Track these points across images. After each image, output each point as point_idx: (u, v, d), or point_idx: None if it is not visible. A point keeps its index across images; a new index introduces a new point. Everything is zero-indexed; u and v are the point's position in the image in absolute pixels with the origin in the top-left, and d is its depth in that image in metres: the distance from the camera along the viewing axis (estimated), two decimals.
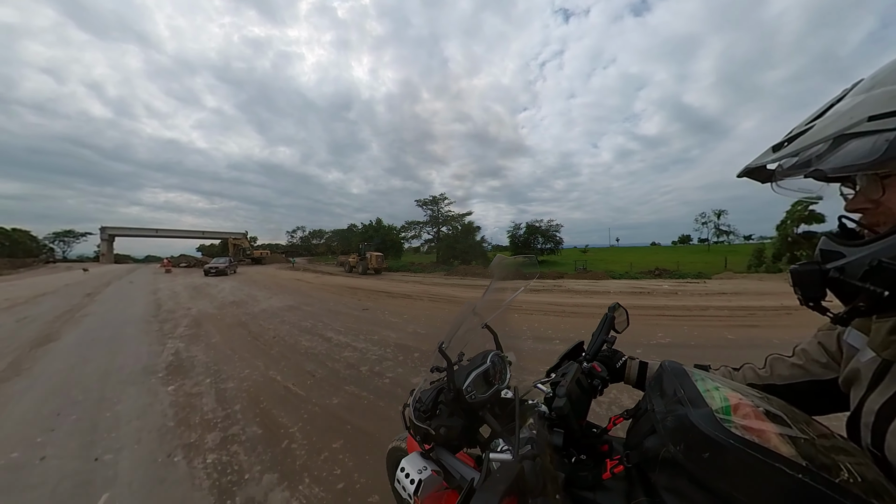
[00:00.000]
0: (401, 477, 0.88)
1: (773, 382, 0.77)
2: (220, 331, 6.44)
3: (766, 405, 0.52)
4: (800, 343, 0.78)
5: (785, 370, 0.77)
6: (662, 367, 0.67)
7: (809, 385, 0.72)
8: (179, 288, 14.45)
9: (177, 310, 8.94)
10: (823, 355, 0.71)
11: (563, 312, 8.07)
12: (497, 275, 1.16)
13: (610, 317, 1.12)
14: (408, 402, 0.98)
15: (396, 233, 46.51)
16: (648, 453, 0.56)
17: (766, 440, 0.45)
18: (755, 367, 0.84)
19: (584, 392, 0.86)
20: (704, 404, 0.52)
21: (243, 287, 14.37)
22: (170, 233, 63.90)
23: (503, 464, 0.64)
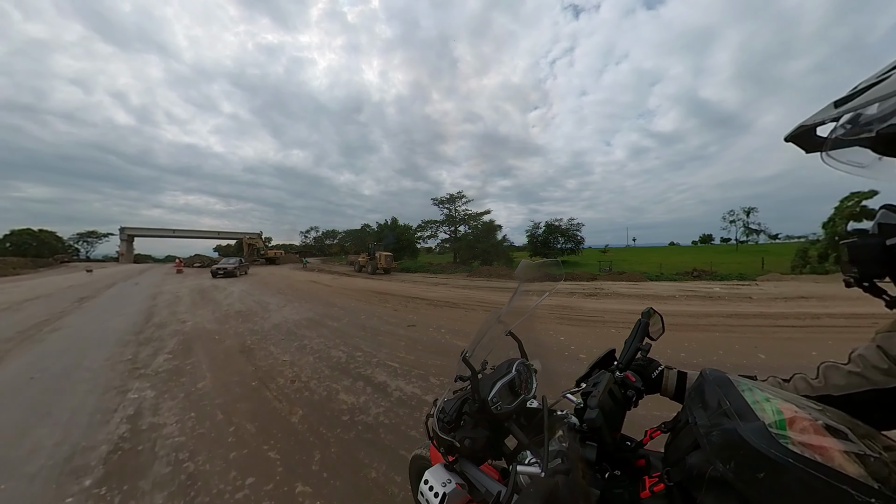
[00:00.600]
0: (424, 490, 0.84)
1: (829, 393, 0.67)
2: (213, 364, 4.44)
3: (825, 418, 0.45)
4: (856, 348, 0.67)
5: (841, 379, 0.66)
6: (703, 375, 0.61)
7: (870, 395, 0.61)
8: (184, 291, 12.65)
9: (169, 323, 7.00)
10: (884, 361, 0.60)
11: (624, 322, 6.25)
12: (523, 280, 1.10)
13: (644, 322, 1.02)
14: (431, 412, 0.95)
15: (412, 232, 44.55)
16: (692, 471, 0.50)
17: (830, 458, 0.39)
18: (807, 378, 0.73)
19: (617, 404, 0.78)
20: (755, 418, 0.46)
21: (253, 291, 12.48)
22: (186, 233, 63.50)
23: (533, 478, 0.61)
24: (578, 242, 52.73)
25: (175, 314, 8.03)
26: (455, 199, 43.70)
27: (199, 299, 10.52)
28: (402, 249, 42.29)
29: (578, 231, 53.02)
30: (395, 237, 40.68)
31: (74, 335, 6.04)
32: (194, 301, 10.15)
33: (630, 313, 7.56)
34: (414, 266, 33.25)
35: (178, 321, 7.18)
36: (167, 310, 8.65)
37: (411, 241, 43.08)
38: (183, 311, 8.50)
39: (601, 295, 11.70)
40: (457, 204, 43.73)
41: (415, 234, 44.58)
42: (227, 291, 12.43)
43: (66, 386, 3.70)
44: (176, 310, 8.64)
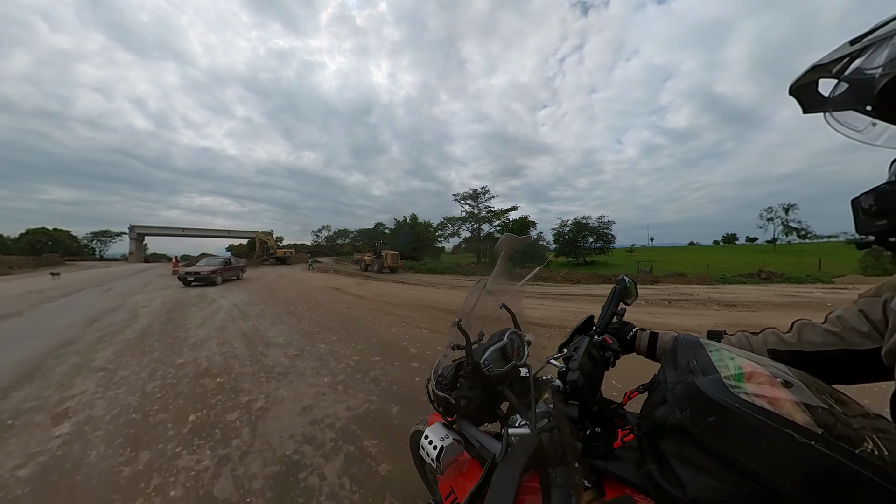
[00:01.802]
0: (424, 443, 0.88)
1: (801, 349, 0.68)
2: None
3: (785, 375, 0.48)
4: (834, 310, 0.68)
5: (816, 336, 0.67)
6: (677, 340, 0.65)
7: (842, 354, 0.64)
8: (154, 306, 8.54)
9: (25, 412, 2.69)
10: (864, 324, 0.62)
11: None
12: (505, 254, 1.12)
13: (619, 289, 1.04)
14: (430, 376, 1.00)
15: (433, 230, 40.35)
16: (658, 422, 0.54)
17: (779, 406, 0.42)
18: (779, 332, 0.74)
19: (596, 365, 0.83)
20: (715, 372, 0.50)
21: (250, 308, 8.27)
22: (197, 232, 60.29)
23: (522, 438, 0.65)
24: (609, 241, 48.18)
25: (64, 387, 3.78)
26: (479, 195, 39.37)
27: (155, 328, 6.29)
28: (422, 249, 38.14)
29: (608, 229, 48.50)
30: (409, 235, 36.61)
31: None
32: (145, 332, 5.93)
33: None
34: (440, 267, 29.00)
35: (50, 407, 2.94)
36: (71, 361, 4.42)
37: (432, 239, 38.92)
38: (101, 361, 4.28)
39: (692, 303, 9.12)
40: (480, 200, 39.41)
41: (435, 232, 40.36)
42: (212, 308, 8.22)
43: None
44: (89, 359, 4.41)
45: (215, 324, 6.36)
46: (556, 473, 0.57)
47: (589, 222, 45.06)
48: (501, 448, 0.70)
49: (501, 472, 0.52)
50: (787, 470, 0.39)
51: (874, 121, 0.49)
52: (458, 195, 39.95)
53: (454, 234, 40.77)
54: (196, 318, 6.98)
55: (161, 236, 60.84)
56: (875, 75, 0.44)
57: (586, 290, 14.81)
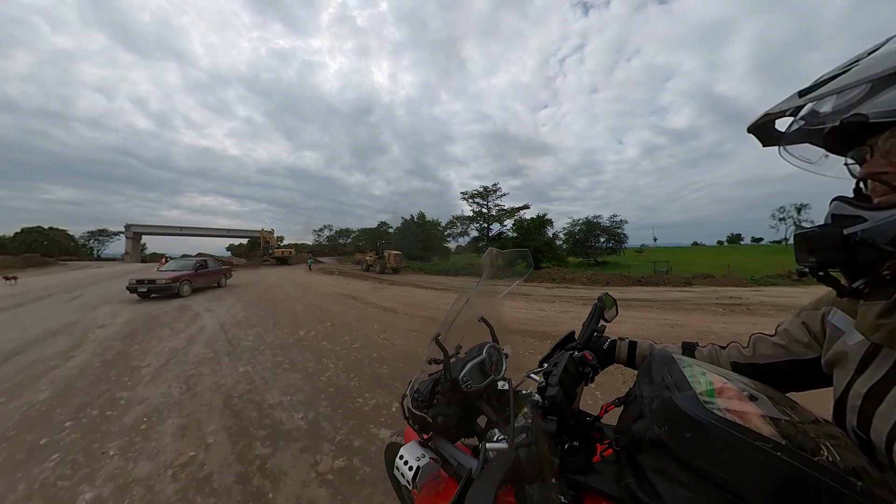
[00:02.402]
0: (399, 464, 0.84)
1: (756, 361, 0.74)
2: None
3: (750, 389, 0.51)
4: (782, 322, 0.74)
5: (767, 349, 0.73)
6: (652, 355, 0.66)
7: (790, 364, 0.69)
8: (118, 324, 6.24)
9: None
10: (806, 335, 0.68)
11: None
12: (489, 268, 1.10)
13: (599, 306, 1.04)
14: (405, 392, 0.95)
15: (442, 230, 38.06)
16: (636, 436, 0.54)
17: (748, 420, 0.45)
18: (739, 346, 0.80)
19: (575, 380, 0.82)
20: (689, 388, 0.51)
21: (243, 328, 6.04)
22: (195, 231, 57.66)
23: (499, 452, 0.63)
24: (621, 241, 46.13)
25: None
26: (489, 193, 37.17)
27: (89, 377, 4.00)
28: (430, 249, 35.88)
29: (621, 228, 46.43)
30: (417, 235, 34.35)
31: None
32: (67, 389, 3.65)
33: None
34: (452, 268, 26.76)
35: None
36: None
37: (440, 239, 36.65)
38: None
39: (750, 308, 8.43)
40: (490, 198, 37.21)
41: (444, 231, 38.08)
42: (188, 332, 5.93)
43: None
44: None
45: (185, 367, 4.06)
46: (532, 489, 0.56)
47: (600, 222, 43.21)
48: (478, 463, 0.67)
49: (477, 487, 0.51)
50: (757, 480, 0.41)
51: (826, 153, 0.57)
52: (467, 193, 37.78)
53: (463, 233, 38.59)
54: (160, 352, 4.67)
55: (159, 235, 58.24)
56: (826, 119, 0.51)
57: (624, 292, 12.95)
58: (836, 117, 0.49)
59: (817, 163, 0.58)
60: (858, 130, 0.50)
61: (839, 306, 0.62)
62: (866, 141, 0.50)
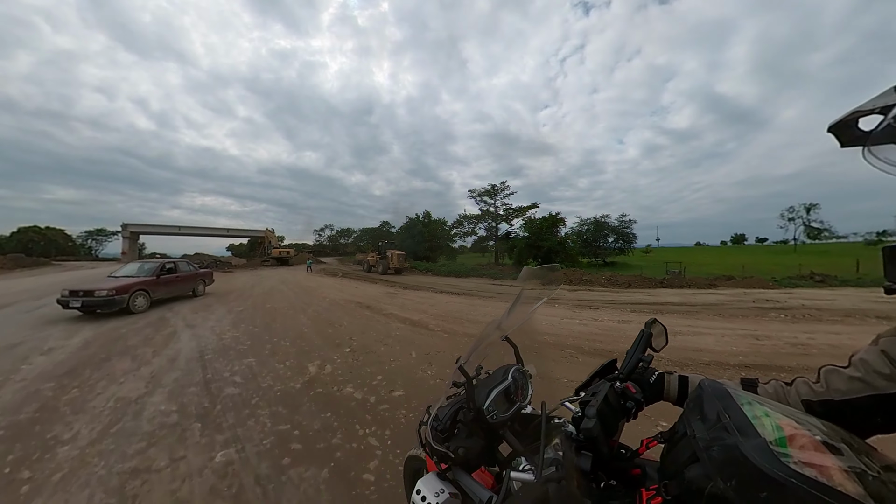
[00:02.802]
0: (417, 500, 0.80)
1: (831, 398, 0.62)
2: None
3: (822, 434, 0.44)
4: (857, 352, 0.63)
5: (842, 384, 0.62)
6: (702, 386, 0.58)
7: (871, 400, 0.58)
8: (70, 348, 4.68)
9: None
10: (887, 366, 0.57)
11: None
12: (524, 288, 1.03)
13: (647, 333, 0.93)
14: (424, 419, 0.91)
15: (448, 229, 36.46)
16: (691, 486, 0.47)
17: (830, 477, 0.38)
18: (809, 382, 0.68)
19: (615, 414, 0.74)
20: (756, 434, 0.44)
21: (230, 357, 4.49)
22: (193, 230, 55.82)
23: (525, 484, 0.59)
24: (629, 241, 44.71)
25: None
26: (497, 192, 35.58)
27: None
28: (436, 249, 34.30)
29: (629, 228, 44.98)
30: (423, 234, 32.74)
31: None
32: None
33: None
34: (463, 269, 25.18)
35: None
36: None
37: (447, 238, 35.07)
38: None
39: (792, 313, 7.27)
40: (498, 196, 35.64)
41: (450, 231, 36.50)
42: (157, 363, 4.35)
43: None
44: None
45: (126, 449, 2.50)
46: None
47: (609, 221, 41.70)
48: (501, 493, 0.63)
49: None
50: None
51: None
52: (475, 191, 36.17)
53: (470, 232, 37.00)
54: (101, 409, 3.09)
55: (157, 235, 56.42)
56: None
57: (653, 295, 11.77)
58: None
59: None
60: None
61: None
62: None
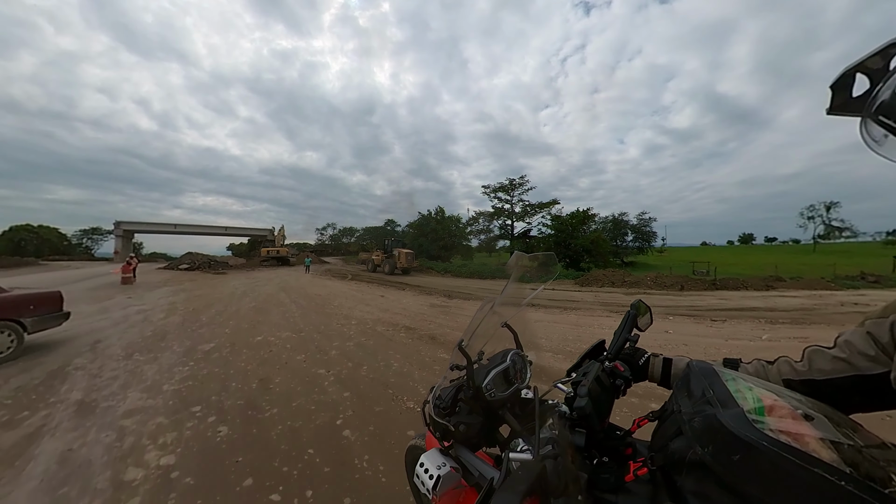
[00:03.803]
0: (420, 472, 0.82)
1: (812, 377, 0.62)
2: None
3: (805, 408, 0.44)
4: (843, 333, 0.62)
5: (826, 364, 0.61)
6: (690, 366, 0.59)
7: (853, 380, 0.57)
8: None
9: None
10: (872, 347, 0.56)
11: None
12: (515, 272, 1.02)
13: (632, 314, 0.95)
14: (427, 398, 0.92)
15: (463, 226, 33.12)
16: (674, 455, 0.49)
17: (805, 444, 0.38)
18: (791, 361, 0.68)
19: (606, 392, 0.76)
20: (735, 405, 0.45)
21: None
22: (190, 229, 52.21)
23: (523, 463, 0.60)
24: (649, 239, 41.65)
25: None
26: (515, 187, 32.27)
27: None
28: (451, 247, 31.00)
29: (649, 226, 41.88)
30: (435, 231, 29.48)
31: None
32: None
33: None
34: (485, 270, 21.89)
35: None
36: None
37: (461, 237, 31.79)
38: None
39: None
40: (516, 192, 32.32)
41: (465, 228, 33.17)
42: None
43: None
44: None
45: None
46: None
47: (628, 220, 38.67)
48: (501, 473, 0.64)
49: (500, 497, 0.47)
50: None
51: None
52: (488, 187, 32.89)
53: (485, 230, 33.70)
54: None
55: (150, 233, 52.76)
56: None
57: (724, 299, 10.06)
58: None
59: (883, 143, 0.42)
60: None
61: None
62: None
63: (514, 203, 32.48)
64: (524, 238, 32.77)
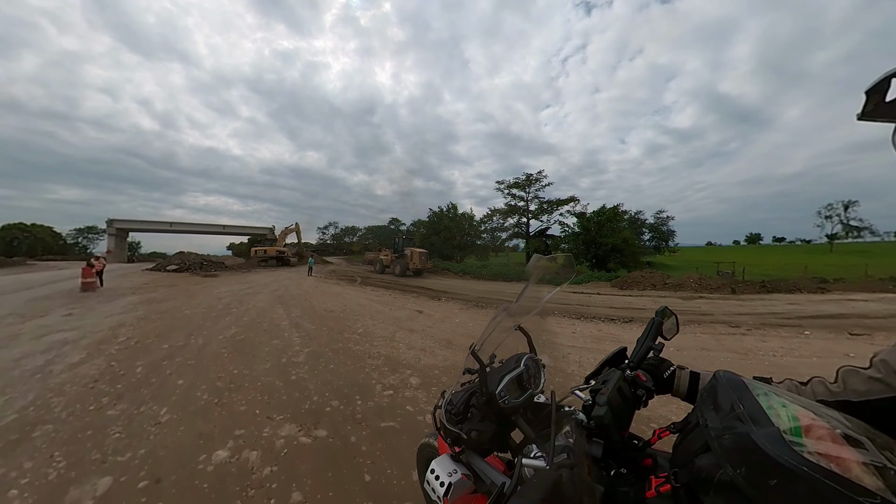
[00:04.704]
0: (430, 478, 0.79)
1: (848, 398, 0.59)
2: None
3: (843, 427, 0.41)
4: (879, 353, 0.59)
5: (861, 385, 0.58)
6: (717, 377, 0.55)
7: (890, 402, 0.54)
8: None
9: None
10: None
11: None
12: (535, 276, 0.97)
13: (657, 322, 0.89)
14: (439, 403, 0.89)
15: (477, 224, 30.32)
16: (701, 473, 0.45)
17: (846, 469, 0.35)
18: (825, 382, 0.64)
19: (626, 402, 0.72)
20: (770, 423, 0.41)
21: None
22: (186, 227, 49.16)
23: (537, 471, 0.58)
24: (666, 239, 39.14)
25: None
26: (531, 182, 29.53)
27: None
28: (466, 247, 28.31)
29: (667, 225, 39.33)
30: (450, 229, 26.80)
31: None
32: None
33: None
34: (511, 272, 19.20)
35: None
36: None
37: (476, 236, 29.10)
38: None
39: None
40: (534, 187, 29.60)
41: (479, 226, 30.40)
42: None
43: None
44: None
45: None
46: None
47: (644, 218, 36.16)
48: (513, 479, 0.60)
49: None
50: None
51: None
52: (502, 182, 30.16)
53: (500, 228, 30.98)
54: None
55: (144, 232, 49.60)
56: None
57: (794, 303, 8.80)
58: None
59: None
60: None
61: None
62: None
63: (529, 200, 29.80)
64: (542, 237, 30.10)
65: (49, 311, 7.26)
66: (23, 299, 8.82)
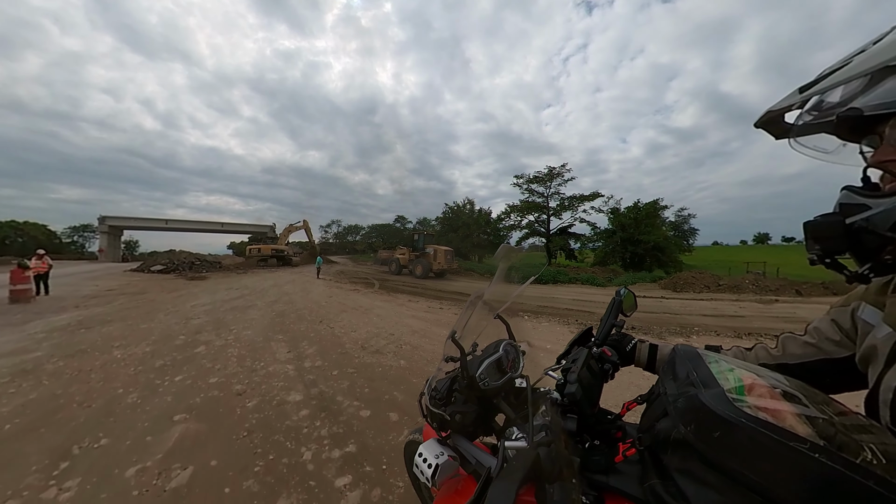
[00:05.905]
0: (418, 461, 0.81)
1: (786, 362, 0.67)
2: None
3: (783, 386, 0.45)
4: (812, 321, 0.67)
5: (797, 349, 0.66)
6: (675, 351, 0.59)
7: (823, 363, 0.62)
8: None
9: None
10: (837, 333, 0.61)
11: None
12: (503, 264, 1.00)
13: (618, 300, 0.94)
14: (423, 390, 0.90)
15: (495, 221, 27.33)
16: (660, 435, 0.49)
17: (782, 419, 0.39)
18: (767, 347, 0.72)
19: (595, 377, 0.76)
20: (717, 385, 0.46)
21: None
22: (183, 224, 45.63)
23: (519, 451, 0.60)
24: (687, 236, 36.39)
25: None
26: (553, 177, 26.63)
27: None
28: (484, 245, 25.41)
29: (688, 223, 36.54)
30: (469, 227, 23.89)
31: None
32: None
33: None
34: (552, 275, 16.33)
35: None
36: None
37: (494, 232, 26.19)
38: None
39: None
40: (554, 182, 26.71)
41: (496, 224, 27.41)
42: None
43: None
44: None
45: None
46: (553, 489, 0.52)
47: (665, 216, 33.49)
48: (497, 462, 0.63)
49: (497, 486, 0.47)
50: (792, 484, 0.36)
51: (843, 142, 0.52)
52: (521, 177, 27.28)
53: (516, 226, 28.07)
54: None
55: (138, 229, 46.04)
56: (828, 112, 0.49)
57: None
58: (834, 111, 0.46)
59: (834, 152, 0.54)
60: (868, 120, 0.45)
61: (868, 300, 0.56)
62: (875, 129, 0.46)
63: (549, 196, 26.93)
64: (564, 235, 27.24)
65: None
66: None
